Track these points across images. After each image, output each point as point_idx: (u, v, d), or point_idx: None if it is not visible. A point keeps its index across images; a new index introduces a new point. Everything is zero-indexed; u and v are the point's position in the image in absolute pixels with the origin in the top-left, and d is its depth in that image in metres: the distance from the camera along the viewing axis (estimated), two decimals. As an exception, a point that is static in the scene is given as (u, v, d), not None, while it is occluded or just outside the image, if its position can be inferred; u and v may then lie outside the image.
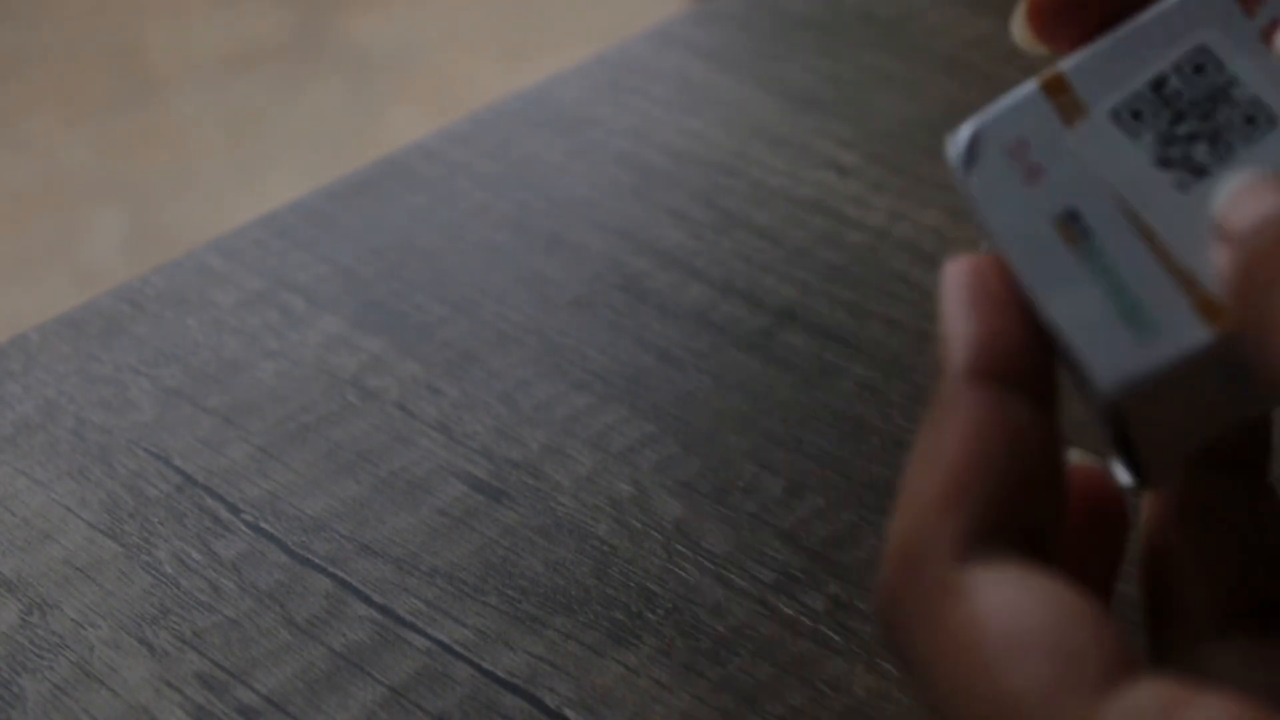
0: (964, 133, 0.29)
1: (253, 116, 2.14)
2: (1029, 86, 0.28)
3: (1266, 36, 0.27)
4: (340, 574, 0.39)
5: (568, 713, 0.36)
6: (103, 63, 2.25)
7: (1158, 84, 0.28)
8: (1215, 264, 0.26)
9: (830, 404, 0.43)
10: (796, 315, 0.46)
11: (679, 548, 0.39)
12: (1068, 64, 0.28)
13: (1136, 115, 0.28)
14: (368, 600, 0.38)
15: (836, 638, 0.37)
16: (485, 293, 0.47)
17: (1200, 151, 0.27)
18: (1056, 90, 0.28)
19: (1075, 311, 0.27)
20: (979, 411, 0.25)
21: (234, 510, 0.40)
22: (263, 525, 0.40)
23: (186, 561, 0.39)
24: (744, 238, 0.49)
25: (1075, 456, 0.28)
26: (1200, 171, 0.27)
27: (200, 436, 0.43)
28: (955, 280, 0.27)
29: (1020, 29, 0.29)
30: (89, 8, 2.38)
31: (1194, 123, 0.27)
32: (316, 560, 0.39)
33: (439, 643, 0.37)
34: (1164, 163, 0.27)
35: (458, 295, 0.47)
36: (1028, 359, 0.26)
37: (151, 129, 2.12)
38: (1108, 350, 0.27)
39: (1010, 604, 0.23)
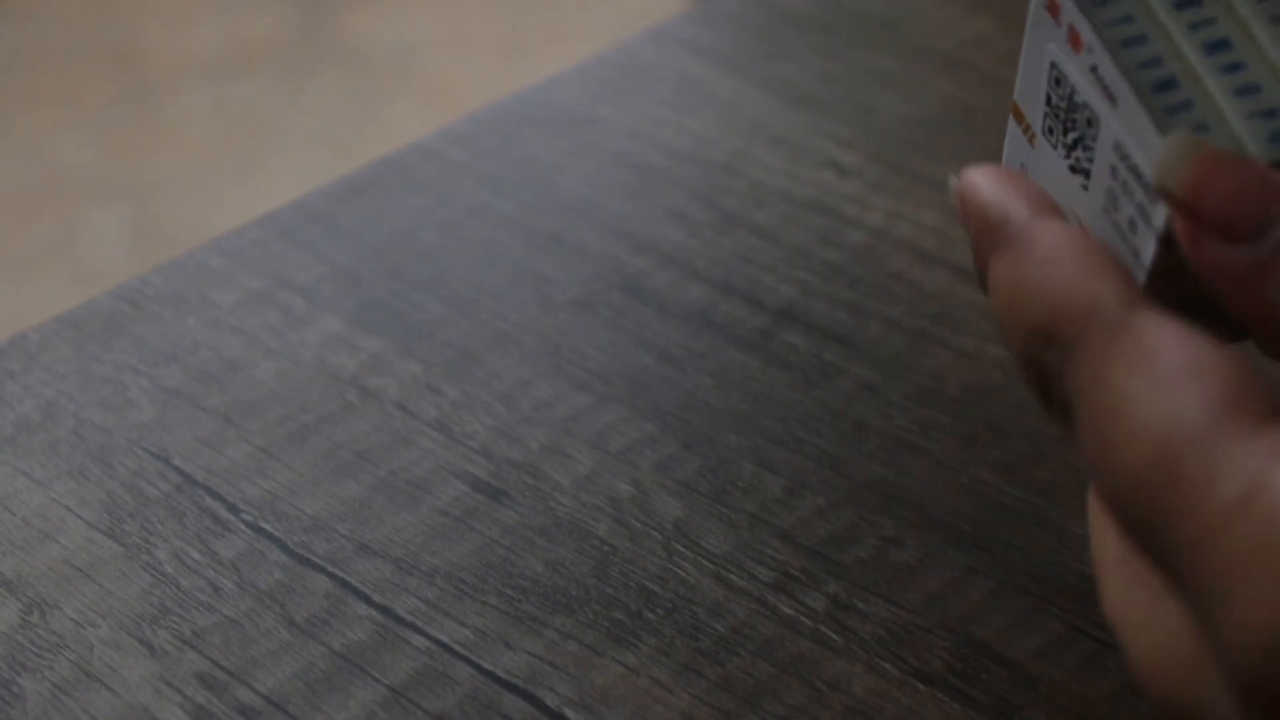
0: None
1: (253, 116, 2.13)
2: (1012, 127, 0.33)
3: (1072, 42, 0.29)
4: (340, 574, 0.39)
5: (568, 713, 0.36)
6: (103, 63, 2.25)
7: (1048, 99, 0.31)
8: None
9: (830, 404, 0.43)
10: (796, 315, 0.46)
11: (679, 547, 0.39)
12: (1017, 90, 0.32)
13: (1049, 131, 0.31)
14: (368, 600, 0.38)
15: (836, 638, 0.37)
16: (485, 293, 0.47)
17: (1081, 156, 0.30)
18: (1019, 118, 0.32)
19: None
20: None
21: (234, 510, 0.40)
22: (263, 525, 0.40)
23: (186, 561, 0.39)
24: (744, 238, 0.49)
25: None
26: (1086, 175, 0.30)
27: (200, 436, 0.43)
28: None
29: None
30: (89, 8, 2.38)
31: (1073, 131, 0.30)
32: (316, 560, 0.39)
33: (439, 643, 0.37)
34: (1073, 169, 0.31)
35: (458, 295, 0.47)
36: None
37: (151, 129, 2.12)
38: None
39: (1177, 340, 0.24)
